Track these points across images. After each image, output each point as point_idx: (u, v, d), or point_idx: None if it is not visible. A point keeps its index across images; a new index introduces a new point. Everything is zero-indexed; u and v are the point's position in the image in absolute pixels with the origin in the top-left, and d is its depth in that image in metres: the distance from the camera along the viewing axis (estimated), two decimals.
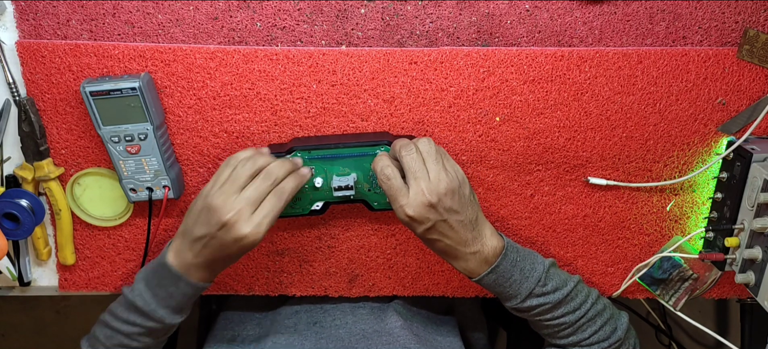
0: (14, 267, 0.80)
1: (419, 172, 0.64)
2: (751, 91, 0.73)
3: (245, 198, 0.63)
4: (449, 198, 0.64)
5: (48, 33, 0.70)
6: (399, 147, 0.66)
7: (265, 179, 0.65)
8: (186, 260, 0.67)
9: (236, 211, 0.62)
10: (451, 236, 0.66)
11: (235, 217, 0.62)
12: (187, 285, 0.68)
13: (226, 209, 0.62)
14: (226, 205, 0.62)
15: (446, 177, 0.64)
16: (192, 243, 0.66)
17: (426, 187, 0.63)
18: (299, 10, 0.70)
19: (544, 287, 0.69)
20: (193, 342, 1.08)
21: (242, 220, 0.62)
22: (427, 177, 0.64)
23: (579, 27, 0.71)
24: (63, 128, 0.74)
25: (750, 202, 0.71)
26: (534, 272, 0.69)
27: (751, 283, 0.72)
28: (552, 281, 0.70)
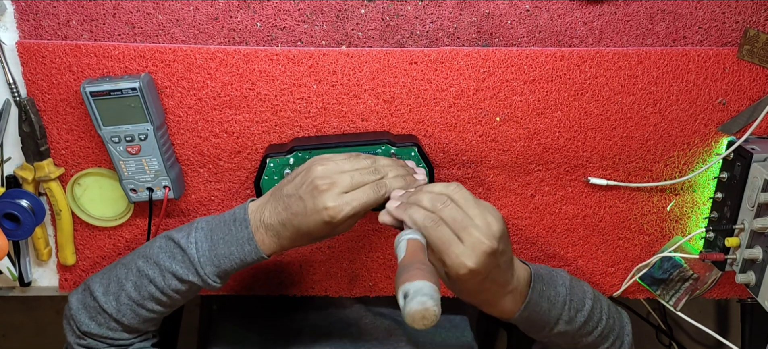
0: (15, 267, 0.80)
1: (466, 221, 0.56)
2: (752, 91, 0.73)
3: (345, 176, 0.61)
4: (504, 241, 0.57)
5: (48, 33, 0.70)
6: (428, 201, 0.58)
7: (372, 172, 0.63)
8: (263, 218, 0.64)
9: (331, 182, 0.60)
10: (498, 280, 0.59)
11: (326, 186, 0.60)
12: (252, 249, 0.64)
13: (323, 176, 0.61)
14: (326, 173, 0.61)
15: (494, 219, 0.56)
16: (278, 200, 0.63)
17: (482, 234, 0.55)
18: (299, 10, 0.70)
19: (569, 312, 0.66)
20: (193, 343, 1.08)
21: (332, 191, 0.60)
22: (476, 224, 0.56)
23: (579, 27, 0.71)
24: (63, 129, 0.74)
25: (750, 202, 0.71)
26: (558, 297, 0.65)
27: (752, 283, 0.72)
28: (574, 302, 0.66)
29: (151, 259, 0.66)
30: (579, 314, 0.67)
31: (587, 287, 0.71)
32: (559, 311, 0.65)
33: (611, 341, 0.71)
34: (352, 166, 0.62)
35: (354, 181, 0.61)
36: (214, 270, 0.64)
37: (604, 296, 0.73)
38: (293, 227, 0.62)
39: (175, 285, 0.65)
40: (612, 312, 0.72)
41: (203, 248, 0.64)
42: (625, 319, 0.75)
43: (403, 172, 0.65)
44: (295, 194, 0.62)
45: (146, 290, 0.66)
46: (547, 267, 0.70)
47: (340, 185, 0.61)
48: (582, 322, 0.67)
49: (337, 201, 0.60)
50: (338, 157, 0.63)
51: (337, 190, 0.60)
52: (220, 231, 0.65)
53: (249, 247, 0.64)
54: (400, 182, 0.64)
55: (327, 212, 0.60)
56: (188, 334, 1.08)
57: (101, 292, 0.67)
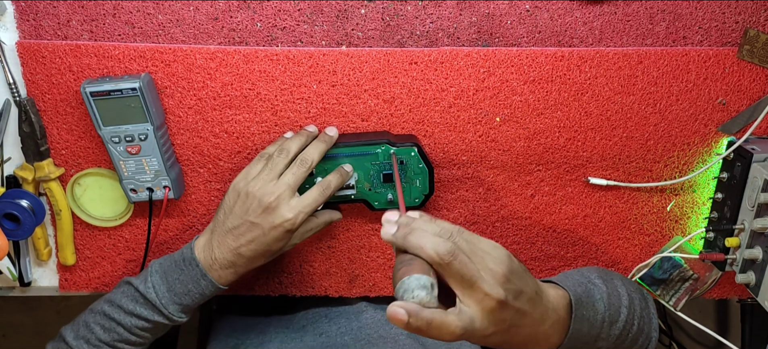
0: (15, 267, 0.80)
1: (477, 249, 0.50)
2: (752, 92, 0.73)
3: (285, 183, 0.65)
4: (511, 282, 0.51)
5: (48, 33, 0.70)
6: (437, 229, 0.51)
7: (300, 165, 0.67)
8: (213, 256, 0.67)
9: (277, 195, 0.64)
10: (527, 322, 0.53)
11: (276, 201, 0.64)
12: (208, 284, 0.68)
13: (266, 193, 0.64)
14: (266, 189, 0.64)
15: (495, 262, 0.50)
16: (224, 236, 0.67)
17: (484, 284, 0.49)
18: (299, 10, 0.70)
19: (608, 329, 0.61)
20: (193, 343, 1.08)
21: (283, 203, 0.64)
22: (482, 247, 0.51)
23: (579, 27, 0.71)
24: (63, 129, 0.74)
25: (750, 202, 0.71)
26: (597, 316, 0.60)
27: (752, 283, 0.72)
28: (611, 316, 0.61)
29: (115, 303, 0.69)
30: (614, 326, 0.62)
31: (621, 286, 0.65)
32: (598, 330, 0.60)
33: (640, 343, 0.66)
34: (279, 170, 0.66)
35: (293, 182, 0.66)
36: (177, 308, 0.69)
37: (632, 288, 0.68)
38: (250, 253, 0.67)
39: (141, 324, 0.69)
40: (642, 311, 0.67)
41: (161, 291, 0.68)
42: (652, 312, 0.69)
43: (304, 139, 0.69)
44: (243, 222, 0.65)
45: (115, 331, 0.69)
46: (580, 275, 0.64)
47: (286, 193, 0.65)
48: (617, 334, 0.62)
49: (291, 210, 0.64)
50: (254, 170, 0.67)
51: (286, 198, 0.65)
52: (173, 273, 0.69)
53: (205, 282, 0.68)
54: (319, 148, 0.68)
55: (286, 224, 0.64)
56: (188, 334, 1.08)
57: (72, 337, 0.71)
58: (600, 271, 0.68)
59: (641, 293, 0.70)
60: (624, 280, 0.69)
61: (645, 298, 0.70)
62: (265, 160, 0.68)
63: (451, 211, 0.79)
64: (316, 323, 0.84)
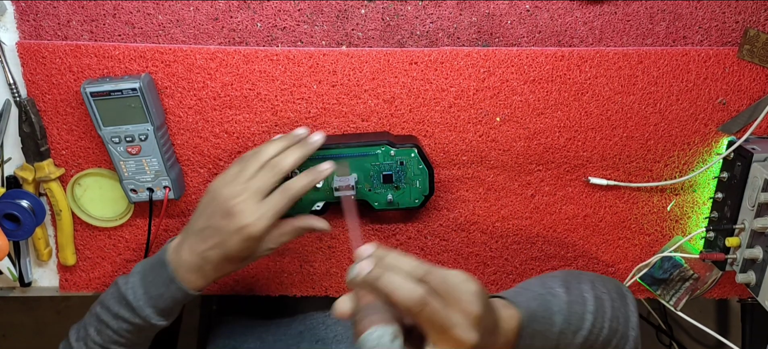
0: (15, 268, 0.80)
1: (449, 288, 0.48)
2: (752, 91, 0.73)
3: (250, 188, 0.62)
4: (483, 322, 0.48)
5: (48, 34, 0.70)
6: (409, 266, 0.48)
7: (270, 170, 0.63)
8: (181, 258, 0.65)
9: (241, 199, 0.61)
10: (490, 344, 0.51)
11: (239, 205, 0.61)
12: (177, 289, 0.66)
13: (230, 196, 0.61)
14: (232, 193, 0.62)
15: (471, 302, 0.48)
16: (193, 237, 0.64)
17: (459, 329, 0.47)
18: (299, 10, 0.70)
19: (566, 338, 0.60)
20: (193, 343, 1.09)
21: (246, 209, 0.61)
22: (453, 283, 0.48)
23: (579, 27, 0.71)
24: (63, 129, 0.74)
25: (751, 202, 0.71)
26: (553, 329, 0.59)
27: (752, 283, 0.72)
28: (572, 326, 0.60)
29: (104, 304, 0.68)
30: (578, 335, 0.60)
31: (588, 291, 0.64)
32: (554, 341, 0.59)
33: (613, 345, 0.65)
34: (248, 175, 0.62)
35: (258, 187, 0.62)
36: (153, 311, 0.66)
37: (607, 290, 0.67)
38: (215, 257, 0.63)
39: (126, 327, 0.67)
40: (615, 311, 0.65)
41: (139, 293, 0.66)
42: (631, 310, 0.67)
43: (286, 143, 0.65)
44: (210, 224, 0.63)
45: (105, 333, 0.68)
46: (541, 285, 0.63)
47: (250, 198, 0.61)
48: (581, 341, 0.61)
49: (253, 215, 0.61)
50: (231, 172, 0.64)
51: (250, 203, 0.61)
52: (150, 274, 0.66)
53: (174, 286, 0.65)
54: (304, 178, 0.64)
55: (247, 229, 0.60)
56: (188, 334, 1.08)
57: (74, 339, 0.71)
58: (566, 276, 0.66)
59: (619, 291, 0.68)
60: (596, 281, 0.67)
61: (622, 296, 0.68)
62: (243, 162, 0.65)
63: (451, 211, 0.79)
64: (313, 330, 0.84)
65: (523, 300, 0.58)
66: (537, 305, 0.59)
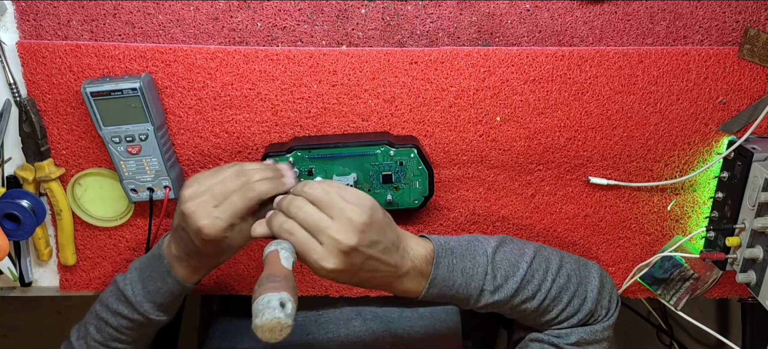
0: (15, 268, 0.80)
1: (321, 222, 0.56)
2: (752, 91, 0.73)
3: (210, 191, 0.60)
4: (367, 233, 0.56)
5: (49, 34, 0.70)
6: (285, 204, 0.58)
7: (235, 177, 0.61)
8: (171, 253, 0.66)
9: (197, 202, 0.60)
10: (381, 268, 0.59)
11: (194, 208, 0.59)
12: (173, 282, 0.66)
13: (189, 198, 0.60)
14: (191, 194, 0.60)
15: (355, 212, 0.56)
16: (174, 233, 0.65)
17: (339, 233, 0.55)
18: (300, 10, 0.70)
19: (494, 281, 0.63)
20: (194, 343, 1.08)
21: (201, 212, 0.59)
22: (333, 222, 0.55)
23: (579, 26, 0.71)
24: (64, 129, 0.74)
25: (751, 201, 0.70)
26: (477, 268, 0.63)
27: (752, 282, 0.72)
28: (501, 271, 0.64)
29: (103, 302, 0.70)
30: (511, 280, 0.64)
31: (530, 249, 0.66)
32: (480, 281, 0.63)
33: (566, 302, 0.66)
34: (215, 180, 0.61)
35: (218, 191, 0.60)
36: (152, 306, 0.68)
37: (562, 254, 0.69)
38: (192, 254, 0.64)
39: (125, 323, 0.68)
40: (565, 270, 0.67)
41: (137, 288, 0.67)
42: (593, 274, 0.69)
43: (270, 174, 0.62)
44: (178, 224, 0.63)
45: (105, 331, 0.69)
46: (470, 236, 0.67)
47: (207, 202, 0.60)
48: (514, 289, 0.64)
49: (207, 219, 0.59)
50: (203, 175, 0.62)
51: (206, 207, 0.59)
52: (147, 269, 0.68)
53: (171, 279, 0.67)
54: (266, 184, 0.61)
55: (202, 232, 0.59)
56: (189, 334, 1.08)
57: (75, 338, 0.72)
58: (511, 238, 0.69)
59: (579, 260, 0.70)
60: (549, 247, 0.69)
61: (585, 265, 0.70)
62: (218, 171, 0.63)
63: (452, 211, 0.79)
64: (304, 326, 0.84)
65: (441, 238, 0.65)
66: (456, 244, 0.64)
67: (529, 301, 0.65)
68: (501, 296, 0.64)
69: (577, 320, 0.67)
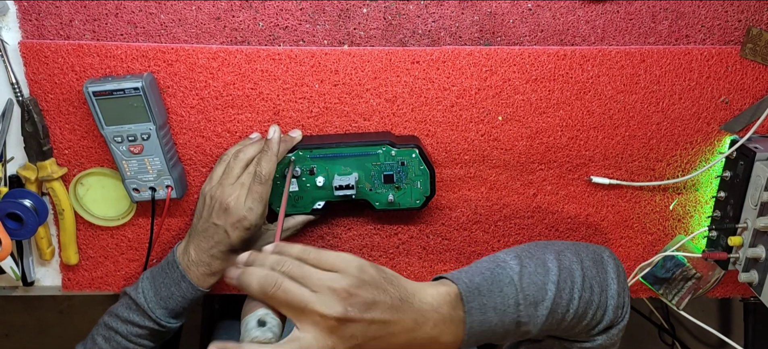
0: (18, 267, 0.80)
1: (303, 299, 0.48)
2: (754, 90, 0.73)
3: (240, 184, 0.69)
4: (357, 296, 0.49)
5: (51, 33, 0.71)
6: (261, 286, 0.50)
7: (243, 167, 0.70)
8: (191, 258, 0.70)
9: (233, 197, 0.68)
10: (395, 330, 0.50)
11: (232, 201, 0.68)
12: (188, 286, 0.71)
13: (224, 195, 0.68)
14: (224, 193, 0.68)
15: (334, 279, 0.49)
16: (197, 238, 0.70)
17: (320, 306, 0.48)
18: (301, 9, 0.70)
19: (527, 310, 0.56)
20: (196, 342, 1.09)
21: (239, 203, 0.68)
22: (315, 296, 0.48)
23: (581, 26, 0.71)
24: (66, 128, 0.74)
25: (753, 201, 0.70)
26: (508, 301, 0.56)
27: (755, 282, 0.72)
28: (530, 297, 0.57)
29: (113, 313, 0.73)
30: (541, 306, 0.57)
31: (552, 260, 0.60)
32: (514, 314, 0.55)
33: (590, 316, 0.60)
34: (236, 173, 0.70)
35: (246, 182, 0.69)
36: (164, 312, 0.71)
37: (579, 258, 0.62)
38: (221, 252, 0.70)
39: (136, 331, 0.71)
40: (588, 281, 0.61)
41: (149, 295, 0.71)
42: (610, 277, 0.63)
43: (258, 147, 0.71)
44: (209, 224, 0.69)
45: (114, 340, 0.72)
46: (491, 261, 0.60)
47: (241, 193, 0.68)
48: (546, 314, 0.57)
49: (245, 207, 0.68)
50: (216, 173, 0.71)
51: (242, 198, 0.68)
52: (159, 277, 0.72)
53: (185, 284, 0.71)
54: (265, 163, 0.69)
55: (244, 221, 0.68)
56: (190, 334, 1.08)
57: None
58: (528, 247, 0.63)
59: (596, 258, 0.64)
60: (566, 249, 0.63)
61: (600, 262, 0.63)
62: (224, 164, 0.71)
63: (454, 210, 0.79)
64: None
65: (463, 275, 0.57)
66: (481, 279, 0.56)
67: (559, 323, 0.59)
68: (533, 326, 0.57)
69: (597, 330, 0.62)
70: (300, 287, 0.48)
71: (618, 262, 0.65)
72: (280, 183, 0.73)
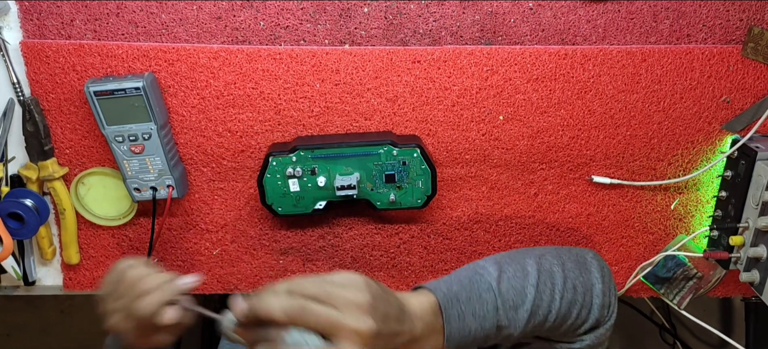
0: (19, 266, 0.80)
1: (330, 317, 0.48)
2: (756, 89, 0.73)
3: (116, 307, 0.60)
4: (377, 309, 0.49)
5: (52, 33, 0.71)
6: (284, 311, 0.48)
7: (130, 301, 0.59)
8: None
9: (109, 317, 0.60)
10: (398, 343, 0.52)
11: (109, 319, 0.60)
12: None
13: (104, 310, 0.61)
14: (105, 309, 0.61)
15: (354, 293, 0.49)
16: None
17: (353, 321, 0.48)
18: (302, 9, 0.70)
19: (506, 315, 0.58)
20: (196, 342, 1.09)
21: (115, 323, 0.59)
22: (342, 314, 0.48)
23: (582, 25, 0.71)
24: (67, 128, 0.74)
25: (755, 200, 0.70)
26: (487, 307, 0.58)
27: (756, 281, 0.72)
28: (509, 301, 0.59)
29: None
30: (520, 309, 0.59)
31: (532, 264, 0.62)
32: (493, 318, 0.57)
33: (574, 316, 0.62)
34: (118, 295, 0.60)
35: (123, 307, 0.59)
36: None
37: (561, 257, 0.64)
38: None
39: None
40: (571, 282, 0.62)
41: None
42: (595, 274, 0.64)
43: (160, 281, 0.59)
44: None
45: None
46: (470, 269, 0.62)
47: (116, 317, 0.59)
48: (527, 316, 0.59)
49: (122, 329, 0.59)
50: (110, 279, 0.62)
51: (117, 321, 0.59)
52: None
53: None
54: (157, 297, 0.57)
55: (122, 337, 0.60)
56: (191, 333, 1.08)
57: None
58: (508, 254, 0.64)
59: (579, 259, 0.65)
60: (547, 254, 0.64)
61: (582, 264, 0.65)
62: (117, 276, 0.62)
63: (455, 210, 0.79)
64: None
65: (441, 285, 0.58)
66: (459, 288, 0.58)
67: (541, 325, 0.61)
68: (514, 329, 0.59)
69: (583, 329, 0.64)
70: (327, 308, 0.48)
71: (603, 263, 0.67)
72: (281, 183, 0.73)
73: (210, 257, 0.82)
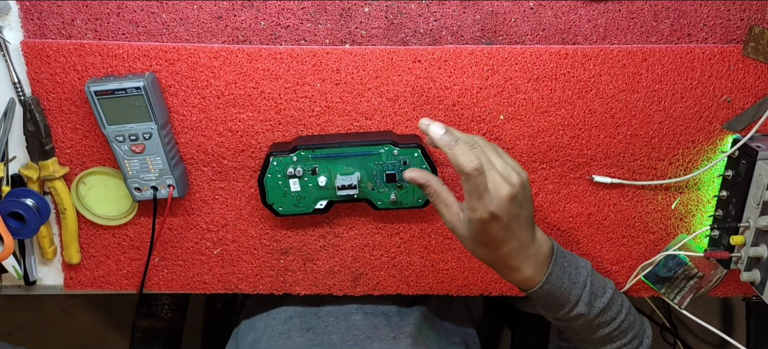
0: (20, 266, 0.80)
1: (487, 164, 0.58)
2: (757, 89, 0.73)
3: None
4: (524, 192, 0.59)
5: (53, 32, 0.71)
6: (455, 147, 0.57)
7: None
8: None
9: None
10: (520, 235, 0.60)
11: None
12: None
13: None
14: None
15: (515, 168, 0.59)
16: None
17: (503, 178, 0.57)
18: (303, 9, 0.70)
19: (589, 295, 0.66)
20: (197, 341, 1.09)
21: None
22: (498, 169, 0.58)
23: (583, 25, 0.71)
24: (68, 127, 0.74)
25: (755, 200, 0.70)
26: (579, 277, 0.66)
27: (757, 281, 0.71)
28: (595, 286, 0.67)
29: None
30: (599, 299, 0.67)
31: (608, 280, 0.71)
32: (580, 291, 0.65)
33: (630, 338, 0.70)
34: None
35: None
36: None
37: (625, 296, 0.73)
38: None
39: None
40: (633, 311, 0.72)
41: None
42: (647, 324, 0.75)
43: None
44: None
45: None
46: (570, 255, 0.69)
47: None
48: (601, 308, 0.67)
49: None
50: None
51: None
52: None
53: None
54: None
55: None
56: (192, 332, 1.08)
57: None
58: None
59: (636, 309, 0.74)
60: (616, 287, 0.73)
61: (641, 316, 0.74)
62: None
63: None
64: (304, 317, 0.85)
65: (554, 242, 0.66)
66: (567, 251, 0.67)
67: (605, 325, 0.68)
68: (589, 312, 0.66)
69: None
70: (487, 181, 0.57)
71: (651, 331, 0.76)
72: (282, 183, 0.73)
73: (210, 257, 0.82)
